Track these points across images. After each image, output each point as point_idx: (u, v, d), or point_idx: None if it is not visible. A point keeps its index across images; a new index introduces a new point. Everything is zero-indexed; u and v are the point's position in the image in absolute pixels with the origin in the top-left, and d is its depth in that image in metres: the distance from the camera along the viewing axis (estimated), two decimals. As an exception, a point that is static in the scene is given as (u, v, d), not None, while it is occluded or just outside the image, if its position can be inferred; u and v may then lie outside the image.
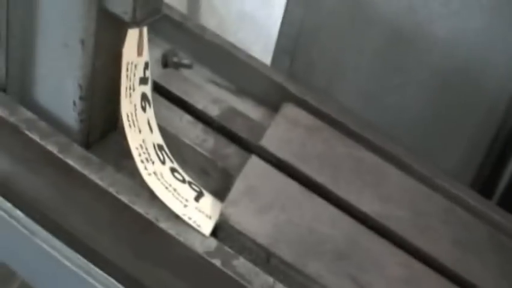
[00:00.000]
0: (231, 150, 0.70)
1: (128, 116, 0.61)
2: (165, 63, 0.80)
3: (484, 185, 0.95)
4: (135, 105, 0.63)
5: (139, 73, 0.63)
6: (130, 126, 0.61)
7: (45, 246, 0.61)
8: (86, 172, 0.60)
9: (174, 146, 0.67)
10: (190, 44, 0.82)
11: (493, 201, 0.94)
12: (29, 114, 0.64)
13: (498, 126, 0.95)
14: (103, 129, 0.68)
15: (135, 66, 0.63)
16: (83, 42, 0.60)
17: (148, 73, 0.65)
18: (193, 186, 0.64)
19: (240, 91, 0.81)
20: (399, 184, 0.71)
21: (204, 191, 0.65)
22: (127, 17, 0.58)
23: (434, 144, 1.02)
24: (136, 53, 0.62)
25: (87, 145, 0.66)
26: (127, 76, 0.62)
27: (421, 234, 0.66)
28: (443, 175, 0.74)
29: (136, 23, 0.60)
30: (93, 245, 0.58)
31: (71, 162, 0.61)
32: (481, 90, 0.97)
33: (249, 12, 1.14)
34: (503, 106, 0.94)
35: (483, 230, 0.70)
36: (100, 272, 0.59)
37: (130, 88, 0.62)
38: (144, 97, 0.64)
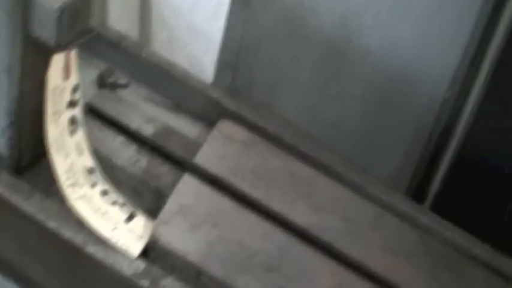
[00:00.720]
0: (165, 169, 0.71)
1: (54, 141, 0.62)
2: (101, 83, 0.81)
3: (417, 191, 0.97)
4: (61, 130, 0.63)
5: (67, 97, 0.63)
6: (57, 151, 0.61)
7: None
8: (13, 200, 0.60)
9: (107, 168, 0.67)
10: (128, 63, 0.82)
11: (426, 206, 0.96)
12: (-43, 144, 0.64)
13: (429, 134, 0.97)
14: (35, 153, 0.68)
15: (62, 90, 0.63)
16: (9, 69, 0.60)
17: (77, 95, 0.65)
18: (125, 208, 0.64)
19: (177, 108, 0.81)
20: (331, 194, 0.72)
21: (138, 212, 0.65)
22: (52, 42, 0.59)
23: (370, 155, 1.03)
24: (62, 78, 0.62)
25: (19, 170, 0.66)
26: (53, 101, 0.62)
27: (352, 242, 0.67)
28: (376, 182, 0.76)
29: (61, 47, 0.60)
30: (29, 273, 0.58)
31: (-2, 190, 0.61)
32: (413, 101, 0.98)
33: (198, 25, 1.14)
34: (434, 114, 0.95)
35: (414, 235, 0.72)
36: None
37: (56, 113, 0.62)
38: (72, 121, 0.64)
